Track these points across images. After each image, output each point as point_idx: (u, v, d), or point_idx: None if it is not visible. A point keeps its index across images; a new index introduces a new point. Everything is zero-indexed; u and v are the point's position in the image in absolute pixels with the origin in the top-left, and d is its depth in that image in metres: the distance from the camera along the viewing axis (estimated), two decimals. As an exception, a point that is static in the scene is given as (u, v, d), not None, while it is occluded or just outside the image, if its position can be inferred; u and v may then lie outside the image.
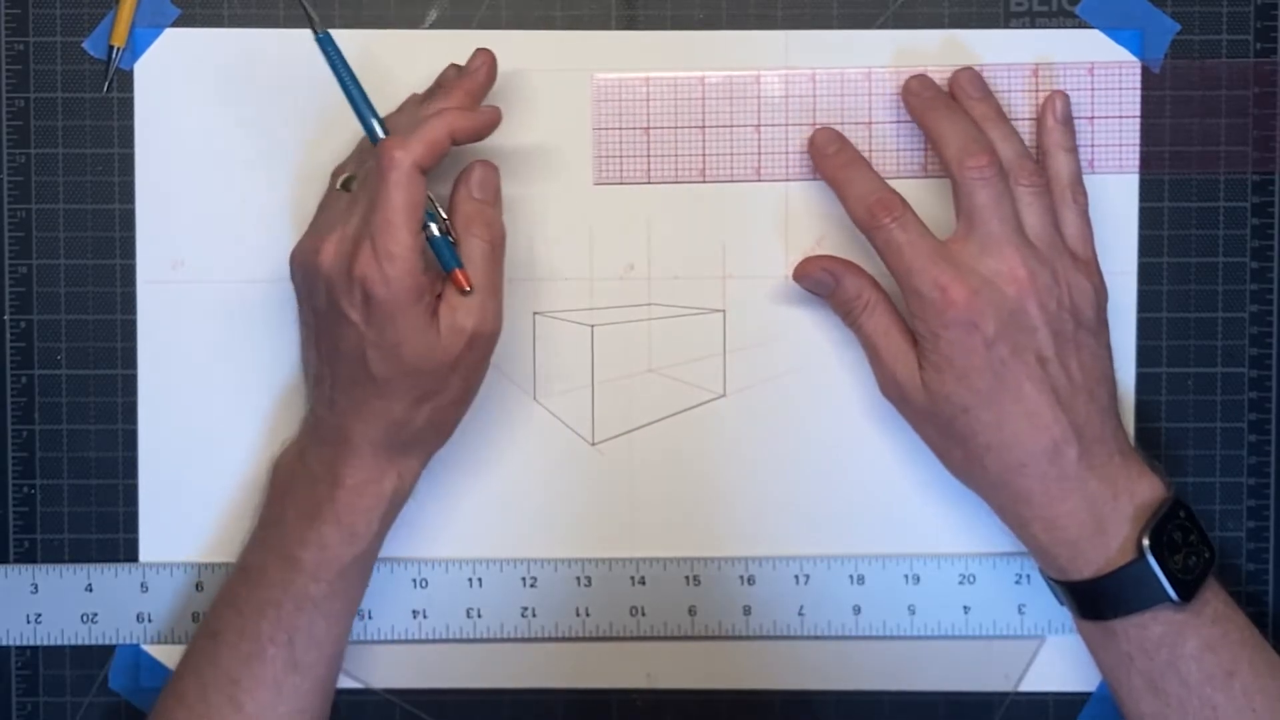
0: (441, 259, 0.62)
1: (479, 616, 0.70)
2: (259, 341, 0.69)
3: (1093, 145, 0.69)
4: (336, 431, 0.62)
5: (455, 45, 0.69)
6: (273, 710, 0.62)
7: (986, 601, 0.69)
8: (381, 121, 0.63)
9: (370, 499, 0.63)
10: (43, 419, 0.70)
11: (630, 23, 0.69)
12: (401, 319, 0.60)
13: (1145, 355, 0.70)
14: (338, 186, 0.64)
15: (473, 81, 0.65)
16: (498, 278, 0.63)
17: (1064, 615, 0.69)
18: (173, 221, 0.69)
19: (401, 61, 0.69)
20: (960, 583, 0.70)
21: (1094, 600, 0.63)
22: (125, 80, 0.69)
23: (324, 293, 0.61)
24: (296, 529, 0.63)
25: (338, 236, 0.61)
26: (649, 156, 0.69)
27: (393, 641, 0.70)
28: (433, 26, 0.69)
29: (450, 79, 0.66)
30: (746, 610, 0.70)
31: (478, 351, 0.62)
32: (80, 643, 0.70)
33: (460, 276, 0.61)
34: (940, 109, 0.67)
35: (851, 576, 0.69)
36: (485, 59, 0.65)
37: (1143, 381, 0.70)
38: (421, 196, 0.60)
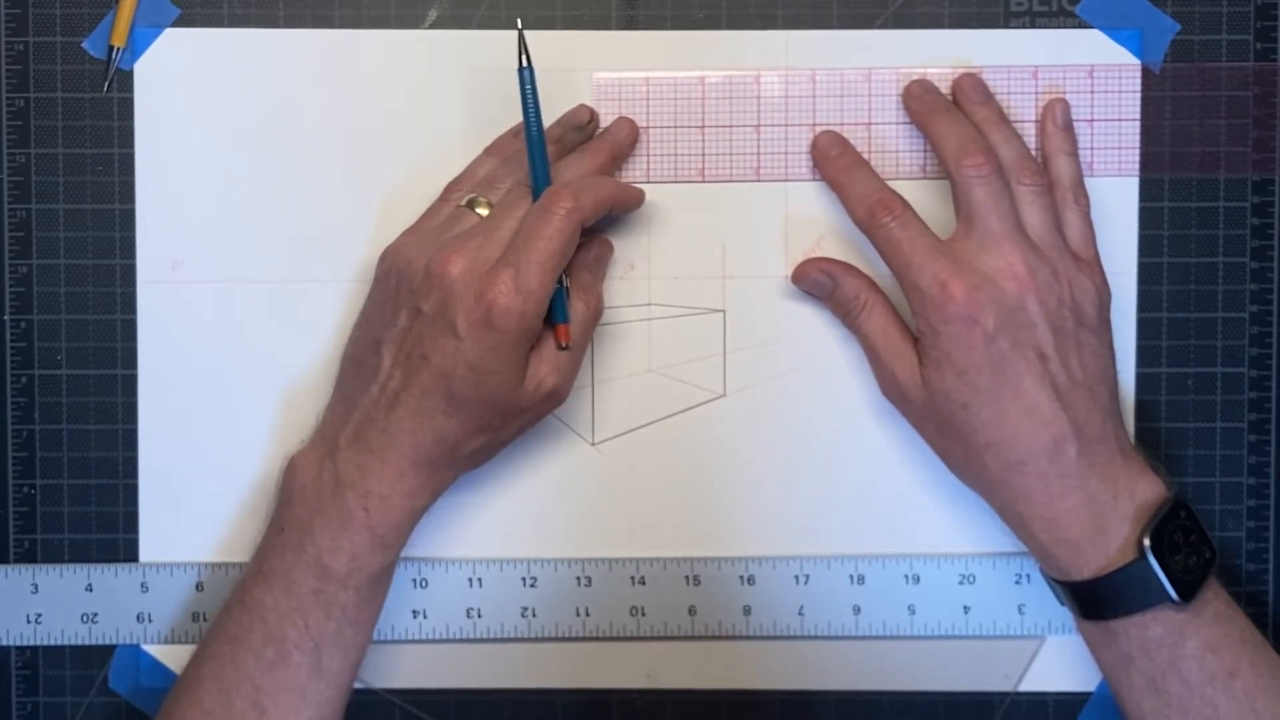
0: (556, 310, 0.63)
1: (479, 616, 0.70)
2: (259, 341, 0.69)
3: (1092, 148, 0.69)
4: (383, 436, 0.62)
5: (455, 45, 0.69)
6: (295, 715, 0.62)
7: (986, 601, 0.69)
8: (548, 166, 0.64)
9: (401, 511, 0.63)
10: (43, 419, 0.70)
11: (630, 23, 0.69)
12: (506, 352, 0.61)
13: (1145, 355, 0.70)
14: (462, 204, 0.65)
15: (618, 148, 0.68)
16: (585, 346, 0.66)
17: (1064, 615, 0.69)
18: (173, 221, 0.69)
19: (401, 61, 0.69)
20: (960, 583, 0.70)
21: (1095, 600, 0.63)
22: (125, 80, 0.69)
23: (437, 300, 0.61)
24: (325, 536, 0.62)
25: (471, 254, 0.61)
26: (648, 156, 0.69)
27: (393, 641, 0.70)
28: (433, 26, 0.69)
29: (589, 135, 0.68)
30: (746, 610, 0.70)
31: (545, 406, 0.65)
32: (80, 643, 0.70)
33: (564, 331, 0.64)
34: (940, 112, 0.67)
35: (851, 576, 0.69)
36: (632, 130, 0.68)
37: (1143, 381, 0.70)
38: (573, 247, 0.63)
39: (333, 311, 0.69)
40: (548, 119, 0.66)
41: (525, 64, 0.64)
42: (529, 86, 0.64)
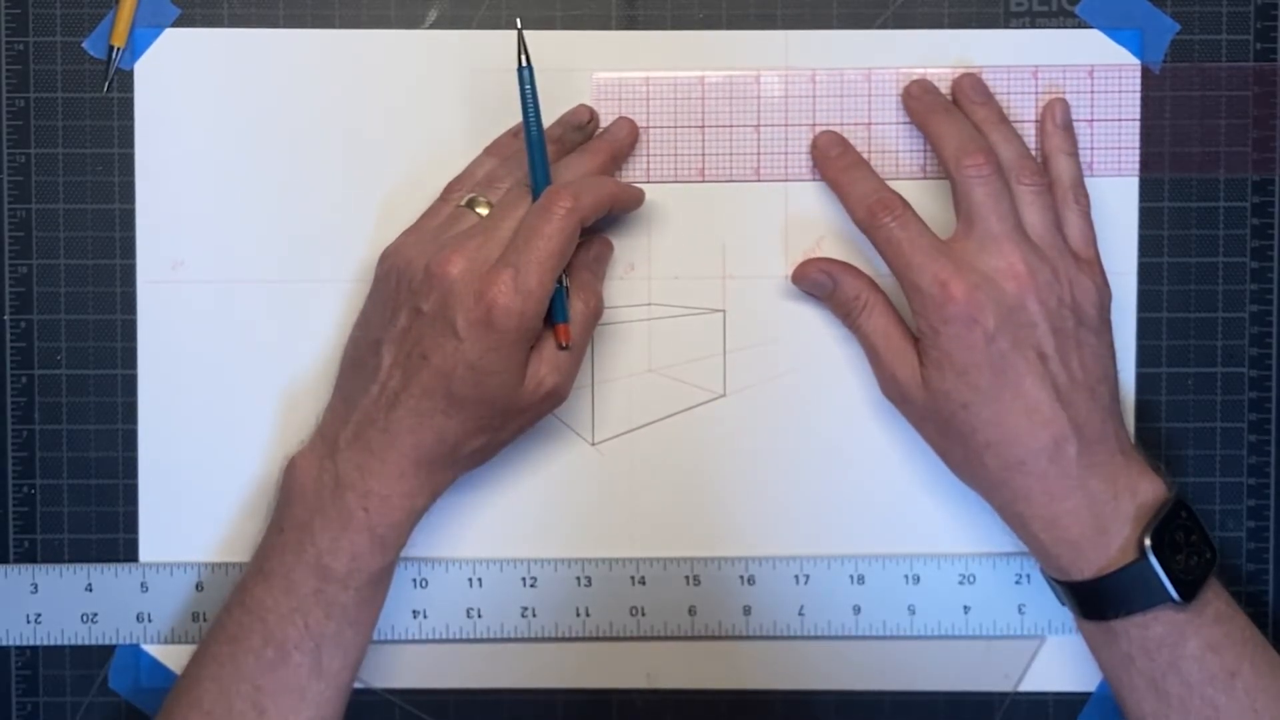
0: (556, 310, 0.63)
1: (479, 616, 0.70)
2: (259, 341, 0.69)
3: (1092, 148, 0.69)
4: (383, 437, 0.62)
5: (455, 45, 0.69)
6: (295, 715, 0.62)
7: (986, 601, 0.69)
8: (548, 165, 0.64)
9: (401, 512, 0.63)
10: (43, 419, 0.70)
11: (630, 23, 0.69)
12: (507, 351, 0.61)
13: (1145, 355, 0.70)
14: (462, 204, 0.65)
15: (618, 148, 0.68)
16: (585, 346, 0.66)
17: (1064, 615, 0.69)
18: (173, 221, 0.69)
19: (401, 61, 0.69)
20: (960, 583, 0.70)
21: (1095, 600, 0.63)
22: (125, 80, 0.69)
23: (437, 300, 0.61)
24: (325, 536, 0.62)
25: (471, 254, 0.62)
26: (648, 156, 0.69)
27: (393, 641, 0.70)
28: (433, 26, 0.69)
29: (589, 135, 0.68)
30: (746, 610, 0.70)
31: (546, 405, 0.65)
32: (80, 643, 0.70)
33: (564, 330, 0.64)
34: (940, 113, 0.67)
35: (851, 576, 0.69)
36: (631, 130, 0.68)
37: (1143, 381, 0.70)
38: (573, 247, 0.63)
39: (333, 311, 0.69)
40: (548, 119, 0.66)
41: (525, 64, 0.64)
42: (529, 86, 0.64)
